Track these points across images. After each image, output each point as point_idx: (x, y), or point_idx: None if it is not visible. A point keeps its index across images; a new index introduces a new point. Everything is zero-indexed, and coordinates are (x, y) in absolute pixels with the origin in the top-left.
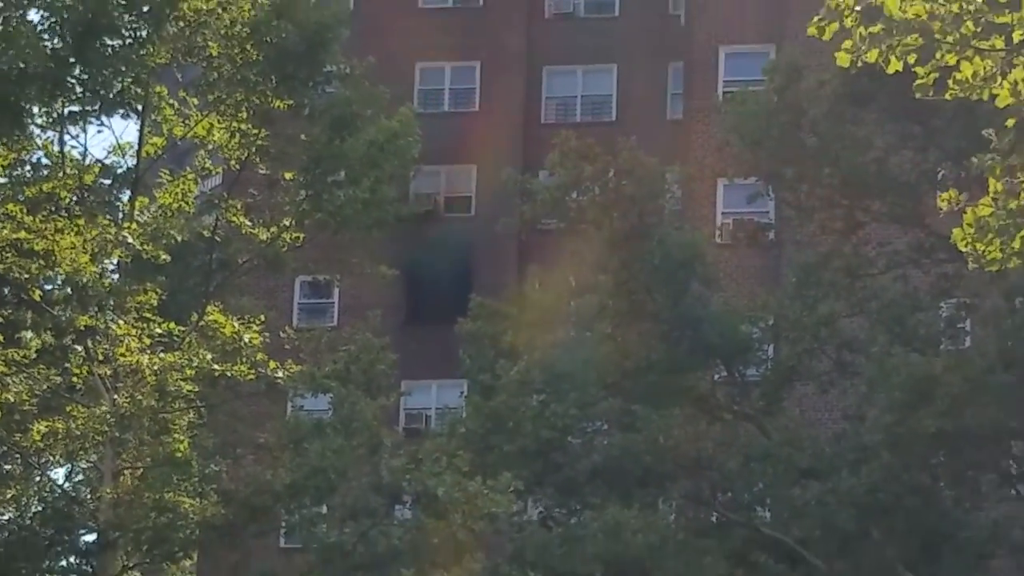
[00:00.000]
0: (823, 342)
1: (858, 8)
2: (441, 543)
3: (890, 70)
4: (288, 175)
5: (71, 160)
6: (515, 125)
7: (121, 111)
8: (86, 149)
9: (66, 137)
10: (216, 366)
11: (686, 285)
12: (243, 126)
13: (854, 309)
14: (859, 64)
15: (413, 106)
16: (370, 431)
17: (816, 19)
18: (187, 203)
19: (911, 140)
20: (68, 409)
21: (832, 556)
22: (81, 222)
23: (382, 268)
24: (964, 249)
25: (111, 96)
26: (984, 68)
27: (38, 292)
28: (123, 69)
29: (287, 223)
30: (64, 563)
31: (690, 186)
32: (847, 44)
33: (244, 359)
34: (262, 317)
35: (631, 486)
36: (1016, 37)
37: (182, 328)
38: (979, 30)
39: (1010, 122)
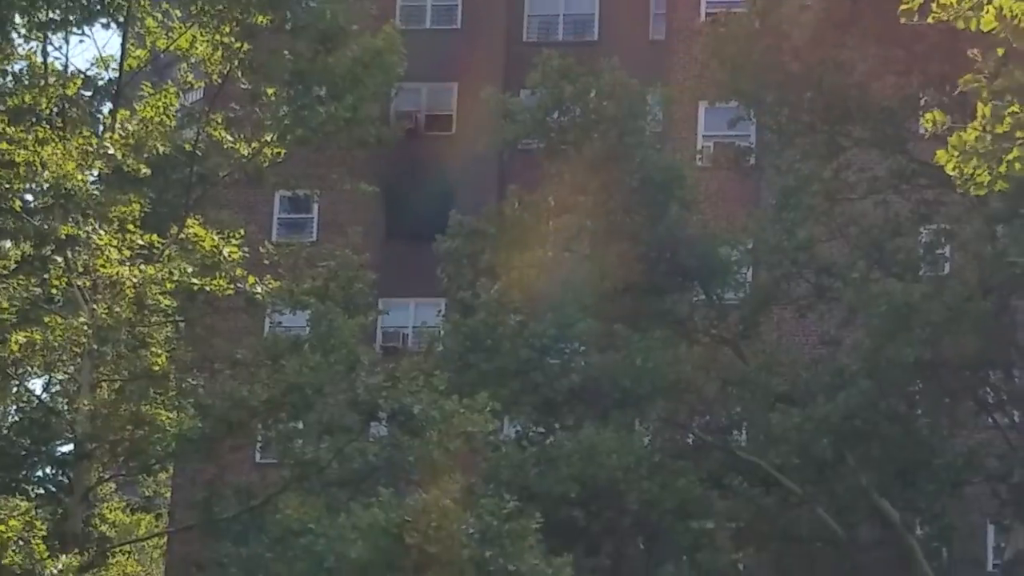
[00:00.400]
0: (802, 266)
1: None
2: (417, 461)
3: None
4: (270, 90)
5: (53, 71)
6: (497, 43)
7: (103, 20)
8: (68, 60)
9: (48, 48)
10: (195, 280)
11: (665, 207)
12: (226, 39)
13: (833, 234)
14: None
15: (395, 22)
16: (348, 348)
17: None
18: (168, 116)
19: (893, 65)
20: (46, 320)
21: (808, 481)
22: (63, 133)
23: (362, 185)
24: (951, 172)
25: (92, 4)
26: None
27: (18, 202)
28: None
29: (268, 138)
30: (40, 473)
31: (671, 108)
32: None
33: (223, 273)
34: (242, 231)
35: (608, 407)
36: None
37: (162, 240)
38: None
39: (1000, 51)
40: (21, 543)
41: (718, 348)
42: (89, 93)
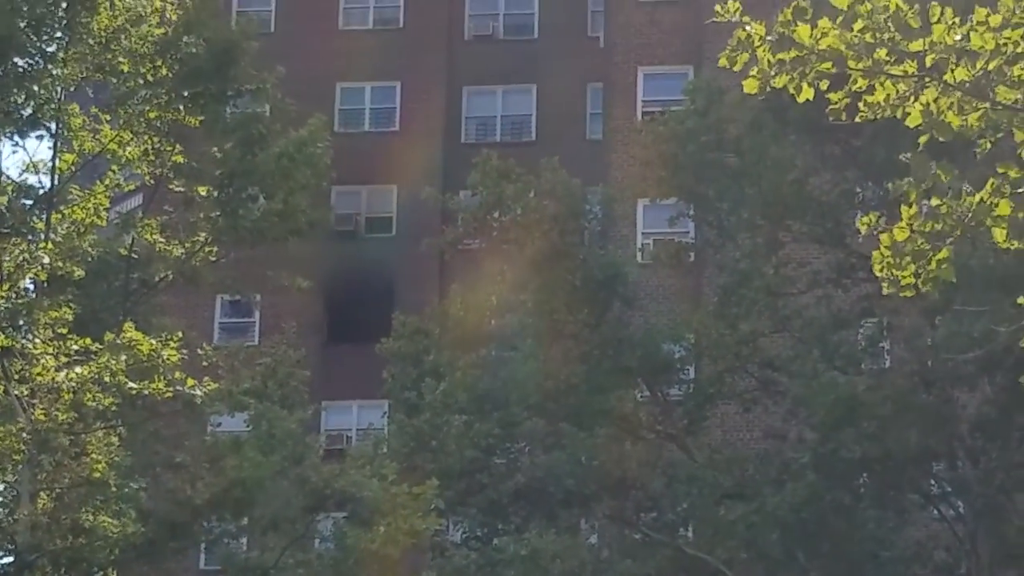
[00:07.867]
0: (745, 360)
1: (770, 38)
2: (365, 558)
3: (801, 98)
4: (202, 190)
5: None
6: (435, 145)
7: (37, 132)
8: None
9: None
10: (132, 384)
11: (608, 305)
12: (157, 142)
13: (776, 327)
14: (767, 90)
15: (333, 126)
16: (293, 440)
17: (727, 50)
18: (99, 218)
19: (831, 160)
20: None
21: None
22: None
23: (297, 280)
24: (880, 274)
25: (25, 117)
26: (896, 91)
27: None
28: (35, 90)
29: (202, 238)
30: None
31: (611, 206)
32: (755, 71)
33: (161, 376)
34: (180, 334)
35: (555, 507)
36: (928, 61)
37: (99, 345)
38: (892, 59)
39: (923, 139)
40: None
41: (664, 444)
42: (30, 202)
